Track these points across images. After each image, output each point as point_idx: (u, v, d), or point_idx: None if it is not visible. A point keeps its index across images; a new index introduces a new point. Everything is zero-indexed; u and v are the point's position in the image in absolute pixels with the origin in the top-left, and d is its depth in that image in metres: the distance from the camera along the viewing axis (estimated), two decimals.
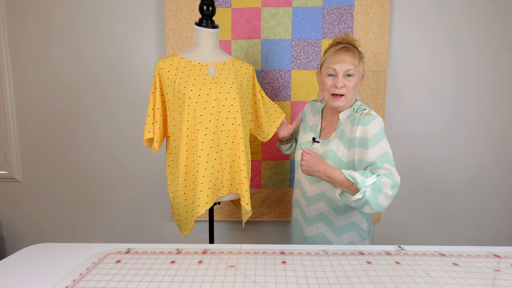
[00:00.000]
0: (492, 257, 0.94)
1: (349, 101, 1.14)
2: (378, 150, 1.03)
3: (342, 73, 1.10)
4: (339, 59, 1.10)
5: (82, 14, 1.78)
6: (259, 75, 1.74)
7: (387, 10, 1.68)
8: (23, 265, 0.88)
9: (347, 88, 1.11)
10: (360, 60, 1.13)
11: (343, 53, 1.10)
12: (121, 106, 1.84)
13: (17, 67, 1.85)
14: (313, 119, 1.29)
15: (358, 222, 1.17)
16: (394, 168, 1.02)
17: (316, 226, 1.21)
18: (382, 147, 1.04)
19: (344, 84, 1.11)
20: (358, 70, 1.11)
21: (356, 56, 1.11)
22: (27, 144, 1.91)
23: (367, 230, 1.19)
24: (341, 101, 1.13)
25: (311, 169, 1.06)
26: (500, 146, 1.82)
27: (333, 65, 1.11)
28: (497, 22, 1.73)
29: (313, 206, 1.20)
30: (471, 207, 1.87)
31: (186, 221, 1.32)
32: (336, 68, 1.11)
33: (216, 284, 0.77)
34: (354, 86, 1.12)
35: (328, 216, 1.18)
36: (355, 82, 1.12)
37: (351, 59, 1.10)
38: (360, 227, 1.18)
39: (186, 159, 1.25)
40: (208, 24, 1.28)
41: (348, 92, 1.11)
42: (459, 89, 1.78)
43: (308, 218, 1.23)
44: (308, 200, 1.22)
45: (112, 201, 1.93)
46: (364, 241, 1.19)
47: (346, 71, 1.10)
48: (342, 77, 1.11)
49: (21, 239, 2.00)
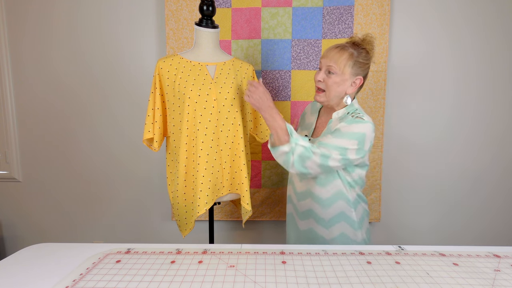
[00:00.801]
0: (492, 257, 0.94)
1: (329, 98, 1.12)
2: (338, 140, 1.04)
3: (325, 68, 1.11)
4: (326, 54, 1.12)
5: (82, 14, 1.78)
6: (259, 75, 1.74)
7: (387, 10, 1.68)
8: (23, 265, 0.88)
9: (326, 84, 1.11)
10: (351, 61, 1.09)
11: (334, 49, 1.11)
12: (121, 106, 1.84)
13: (17, 67, 1.85)
14: (310, 117, 1.30)
15: (346, 212, 1.16)
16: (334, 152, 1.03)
17: (307, 222, 1.23)
18: (344, 141, 1.03)
19: (324, 79, 1.11)
20: (341, 70, 1.09)
21: (345, 56, 1.08)
22: (27, 144, 1.91)
23: (357, 221, 1.18)
24: (321, 96, 1.13)
25: (255, 101, 1.10)
26: (500, 146, 1.82)
27: (321, 58, 1.14)
28: (497, 22, 1.73)
29: (302, 202, 1.23)
30: (471, 207, 1.87)
31: (186, 221, 1.32)
32: (321, 62, 1.13)
33: (216, 284, 0.77)
34: (333, 84, 1.10)
35: (315, 212, 1.19)
36: (336, 81, 1.10)
37: (336, 56, 1.09)
38: (349, 217, 1.17)
39: (186, 159, 1.25)
40: (208, 24, 1.28)
41: (327, 89, 1.11)
42: (459, 89, 1.78)
43: (301, 213, 1.25)
44: (298, 196, 1.24)
45: (112, 201, 1.93)
46: (356, 232, 1.18)
47: (328, 68, 1.10)
48: (323, 73, 1.12)
49: (21, 239, 2.00)
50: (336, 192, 1.15)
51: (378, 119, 1.75)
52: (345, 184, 1.14)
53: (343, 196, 1.15)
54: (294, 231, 1.31)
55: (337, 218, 1.17)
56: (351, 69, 1.09)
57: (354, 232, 1.18)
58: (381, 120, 1.75)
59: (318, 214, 1.19)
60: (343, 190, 1.14)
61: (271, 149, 1.09)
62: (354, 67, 1.10)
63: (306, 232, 1.24)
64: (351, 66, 1.09)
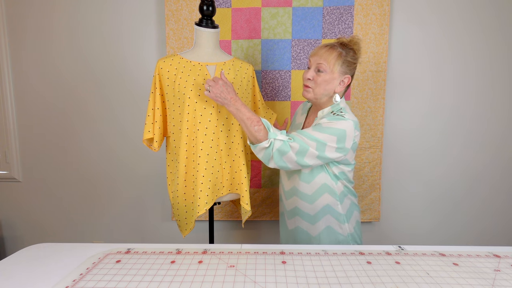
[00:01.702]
0: (492, 257, 0.94)
1: (316, 95, 1.15)
2: (317, 134, 1.06)
3: (314, 66, 1.13)
4: (315, 52, 1.14)
5: (82, 14, 1.78)
6: (259, 75, 1.74)
7: (387, 10, 1.68)
8: (23, 265, 0.88)
9: (315, 82, 1.13)
10: (340, 59, 1.11)
11: (323, 48, 1.13)
12: (121, 106, 1.84)
13: (17, 67, 1.85)
14: (300, 118, 1.32)
15: (332, 204, 1.16)
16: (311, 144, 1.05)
17: (294, 220, 1.23)
18: (323, 135, 1.06)
19: (313, 77, 1.13)
20: (331, 68, 1.11)
21: (334, 54, 1.11)
22: (27, 144, 1.91)
23: (343, 213, 1.18)
24: (308, 92, 1.15)
25: (216, 96, 1.09)
26: (500, 145, 1.82)
27: (310, 57, 1.16)
28: (496, 22, 1.73)
29: (289, 200, 1.23)
30: (471, 207, 1.87)
31: (186, 221, 1.32)
32: (311, 60, 1.15)
33: (216, 284, 0.77)
34: (322, 82, 1.12)
35: (301, 209, 1.19)
36: (325, 79, 1.12)
37: (325, 54, 1.11)
38: (335, 210, 1.17)
39: (186, 159, 1.25)
40: (208, 24, 1.28)
41: (315, 86, 1.13)
42: (458, 89, 1.78)
43: (288, 211, 1.25)
44: (286, 194, 1.25)
45: (112, 201, 1.93)
46: (342, 225, 1.18)
47: (317, 66, 1.12)
48: (313, 70, 1.14)
49: (21, 239, 2.00)
50: (322, 186, 1.15)
51: (378, 119, 1.75)
52: (331, 177, 1.15)
53: (328, 189, 1.15)
54: (284, 231, 1.32)
55: (322, 212, 1.17)
56: (340, 68, 1.12)
57: (340, 225, 1.18)
58: (381, 120, 1.75)
59: (303, 210, 1.19)
60: (328, 183, 1.15)
61: (251, 146, 1.11)
62: (343, 65, 1.13)
63: (293, 232, 1.25)
64: (340, 65, 1.12)
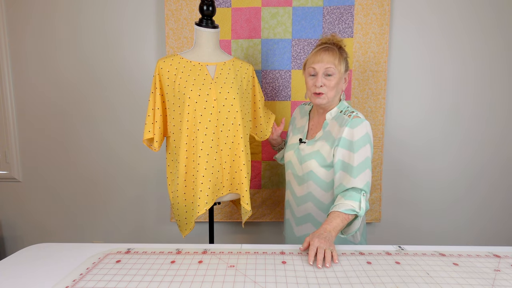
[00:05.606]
0: (492, 257, 0.94)
1: (330, 99, 1.15)
2: (362, 155, 1.07)
3: (322, 72, 1.13)
4: (318, 59, 1.13)
5: (82, 14, 1.78)
6: (259, 75, 1.74)
7: (387, 10, 1.68)
8: (23, 265, 0.88)
9: (327, 87, 1.13)
10: (342, 59, 1.14)
11: (322, 52, 1.13)
12: (121, 106, 1.84)
13: (18, 67, 1.85)
14: (301, 121, 1.31)
15: None
16: (369, 175, 1.08)
17: (305, 226, 1.22)
18: (365, 151, 1.08)
19: (324, 83, 1.13)
20: (338, 69, 1.13)
21: (336, 56, 1.12)
22: (27, 144, 1.91)
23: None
24: (323, 99, 1.15)
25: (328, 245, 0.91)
26: (499, 145, 1.82)
27: (313, 64, 1.14)
28: (495, 22, 1.73)
29: (301, 207, 1.22)
30: (471, 207, 1.87)
31: (186, 221, 1.32)
32: (316, 68, 1.14)
33: (216, 284, 0.77)
34: (334, 85, 1.13)
35: (316, 217, 1.18)
36: (336, 81, 1.13)
37: (330, 58, 1.12)
38: None
39: (186, 159, 1.25)
40: (208, 24, 1.28)
41: (328, 90, 1.14)
42: (458, 88, 1.78)
43: (298, 218, 1.24)
44: (297, 200, 1.23)
45: (112, 201, 1.93)
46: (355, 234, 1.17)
47: (326, 70, 1.12)
48: (322, 76, 1.13)
49: (21, 239, 2.00)
50: None
51: (378, 119, 1.75)
52: None
53: None
54: (291, 238, 1.30)
55: None
56: (343, 67, 1.15)
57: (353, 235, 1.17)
58: (381, 120, 1.75)
59: (316, 218, 1.18)
60: None
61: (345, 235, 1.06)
62: (344, 64, 1.15)
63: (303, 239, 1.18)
64: (343, 64, 1.15)
